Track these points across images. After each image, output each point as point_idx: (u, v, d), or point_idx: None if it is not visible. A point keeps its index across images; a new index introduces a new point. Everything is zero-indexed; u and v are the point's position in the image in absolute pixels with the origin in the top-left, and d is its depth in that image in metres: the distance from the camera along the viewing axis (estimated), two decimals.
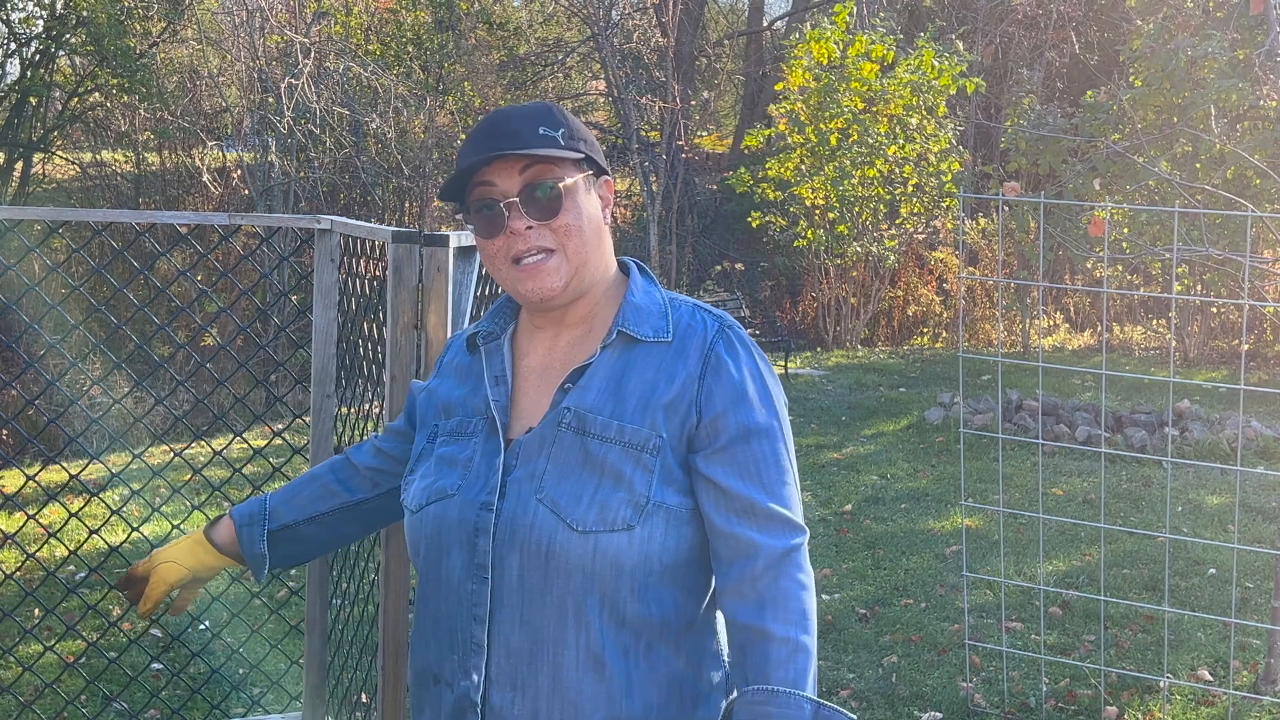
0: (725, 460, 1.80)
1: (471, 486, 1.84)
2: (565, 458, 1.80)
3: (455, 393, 1.97)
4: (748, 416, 1.81)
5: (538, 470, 1.81)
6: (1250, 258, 5.15)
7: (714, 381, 1.82)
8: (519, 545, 1.79)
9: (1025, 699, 4.90)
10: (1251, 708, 4.78)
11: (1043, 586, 5.73)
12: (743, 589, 1.77)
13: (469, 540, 1.82)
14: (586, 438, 1.80)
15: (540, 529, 1.77)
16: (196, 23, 17.74)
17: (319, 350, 3.34)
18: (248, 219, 3.24)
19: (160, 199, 17.66)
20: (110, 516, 4.14)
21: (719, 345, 1.85)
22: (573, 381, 1.85)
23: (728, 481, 1.79)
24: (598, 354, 1.85)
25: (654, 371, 1.83)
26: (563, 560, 1.76)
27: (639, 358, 1.85)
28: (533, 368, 1.92)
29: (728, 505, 1.79)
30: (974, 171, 16.07)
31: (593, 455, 1.79)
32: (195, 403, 6.67)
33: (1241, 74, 9.97)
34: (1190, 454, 8.53)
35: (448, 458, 1.90)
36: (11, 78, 17.27)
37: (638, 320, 1.87)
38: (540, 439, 1.83)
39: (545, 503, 1.78)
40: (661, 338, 1.85)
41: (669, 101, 17.77)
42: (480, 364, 1.95)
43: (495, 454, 1.85)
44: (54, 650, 5.16)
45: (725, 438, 1.80)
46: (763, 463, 1.81)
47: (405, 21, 18.50)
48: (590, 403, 1.82)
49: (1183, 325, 14.08)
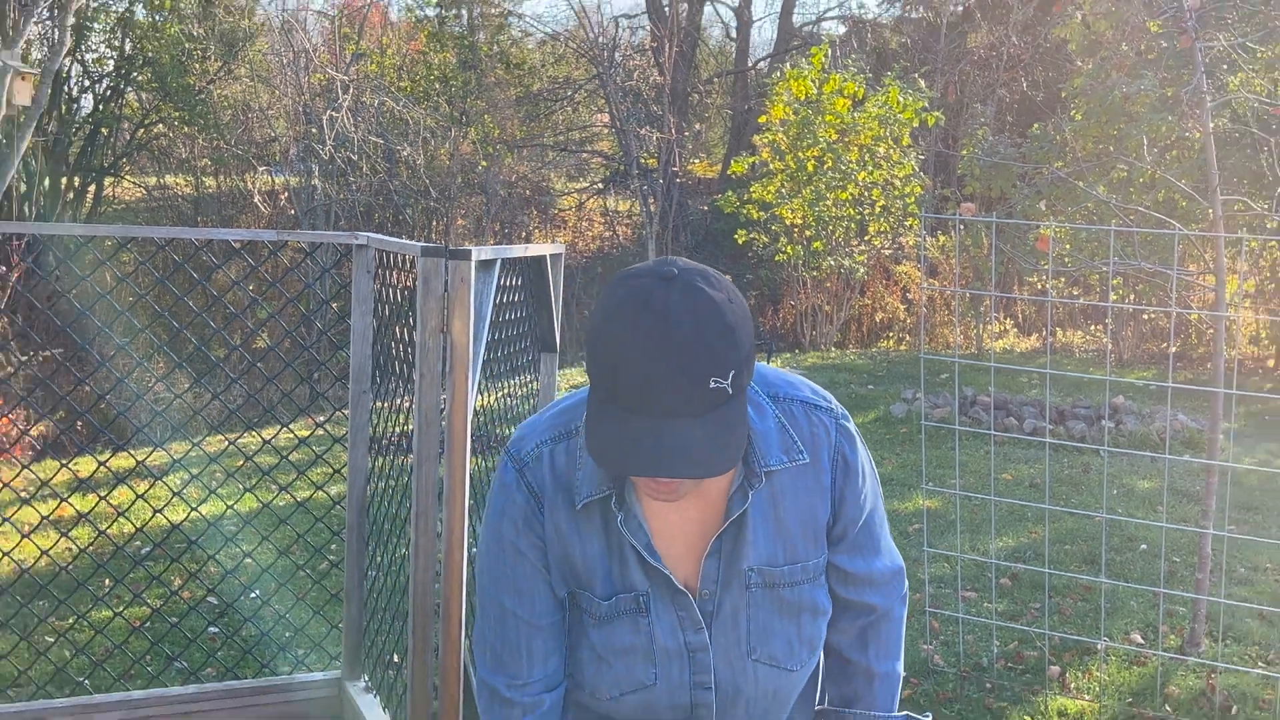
0: (849, 548, 1.72)
1: (670, 673, 1.63)
2: (763, 617, 1.64)
3: (587, 556, 1.62)
4: (865, 503, 1.72)
5: (740, 635, 1.64)
6: (1177, 270, 5.14)
7: (844, 484, 1.67)
8: (744, 702, 1.68)
9: (979, 659, 4.90)
10: (1178, 667, 4.78)
11: (994, 560, 5.73)
12: (854, 634, 1.78)
13: (686, 715, 1.67)
14: (777, 588, 1.64)
15: (764, 684, 1.67)
16: (249, 63, 17.75)
17: (356, 351, 3.34)
18: (293, 236, 3.24)
19: (216, 218, 17.66)
20: (172, 498, 4.15)
21: (844, 448, 1.67)
22: (735, 539, 1.61)
23: (852, 566, 1.73)
24: (747, 500, 1.58)
25: (805, 496, 1.64)
26: (786, 692, 1.72)
27: (784, 487, 1.62)
28: (665, 516, 1.61)
29: (851, 581, 1.74)
30: (934, 194, 16.07)
31: (787, 601, 1.65)
32: (247, 397, 6.67)
33: (1170, 109, 9.96)
34: (1124, 443, 8.53)
35: (619, 646, 1.63)
36: (85, 111, 17.27)
37: (767, 449, 1.60)
38: (732, 607, 1.63)
39: (763, 661, 1.66)
40: (797, 458, 1.62)
41: (665, 132, 17.77)
42: (610, 524, 1.60)
43: (690, 630, 1.63)
44: (122, 616, 5.16)
45: (851, 531, 1.71)
46: (875, 530, 1.75)
47: (433, 62, 18.52)
48: (765, 555, 1.62)
49: (1118, 330, 14.09)
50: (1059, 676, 4.71)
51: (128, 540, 5.67)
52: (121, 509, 4.80)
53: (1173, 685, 4.64)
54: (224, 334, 10.60)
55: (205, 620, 5.23)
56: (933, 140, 17.56)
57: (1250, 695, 4.56)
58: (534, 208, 19.12)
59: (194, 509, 5.18)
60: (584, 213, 20.91)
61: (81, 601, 5.41)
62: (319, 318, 12.96)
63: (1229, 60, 9.19)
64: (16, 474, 4.20)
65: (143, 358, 10.77)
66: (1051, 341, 15.05)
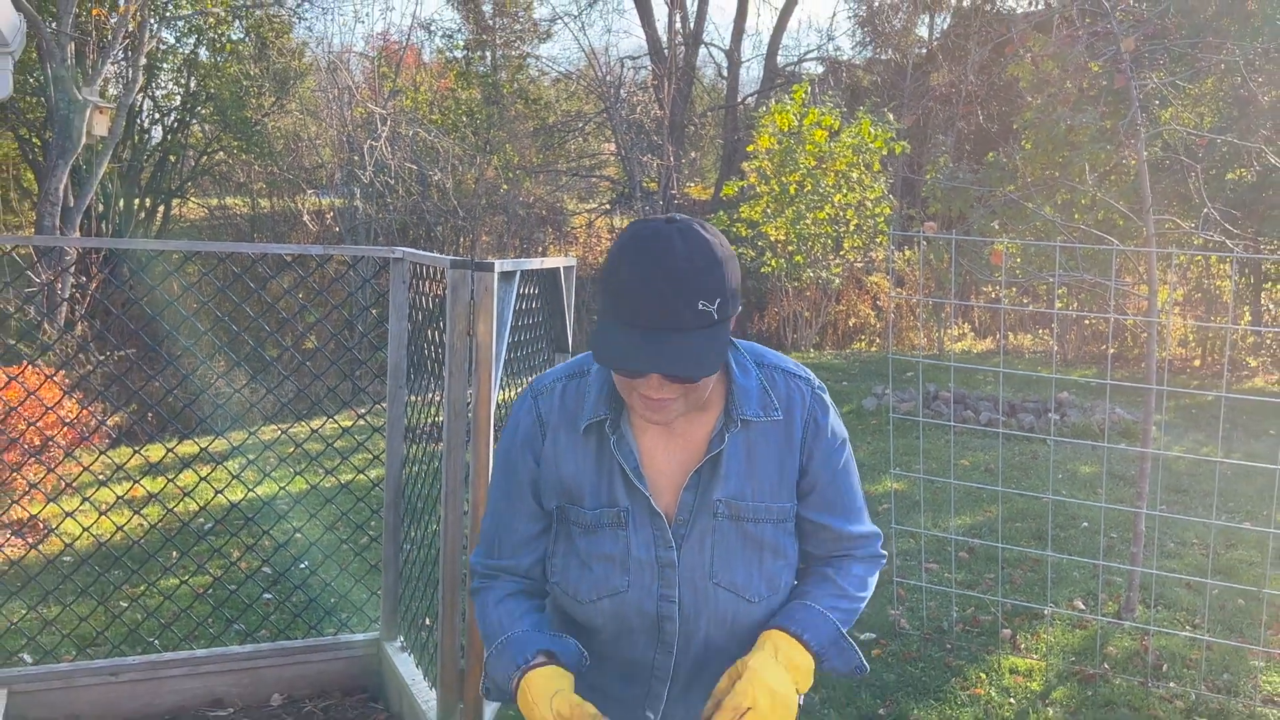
0: (821, 504, 1.73)
1: (641, 581, 1.65)
2: (727, 545, 1.65)
3: (581, 473, 1.68)
4: (834, 463, 1.73)
5: (705, 558, 1.65)
6: (1115, 281, 5.14)
7: (814, 444, 1.70)
8: (704, 623, 1.67)
9: (940, 623, 4.90)
10: (1115, 631, 4.78)
11: (954, 536, 5.73)
12: (830, 564, 1.76)
13: (653, 626, 1.67)
14: (742, 522, 1.65)
15: (723, 608, 1.66)
16: (299, 98, 17.75)
17: (393, 351, 3.34)
18: (338, 250, 3.24)
19: (270, 235, 17.67)
20: (231, 480, 4.16)
21: (816, 411, 1.71)
22: (712, 471, 1.65)
23: (826, 521, 1.73)
24: (724, 440, 1.64)
25: (775, 447, 1.67)
26: (744, 624, 1.68)
27: (758, 437, 1.66)
28: (654, 448, 1.67)
29: (828, 536, 1.74)
30: (901, 214, 16.05)
31: (750, 535, 1.66)
32: (297, 392, 6.67)
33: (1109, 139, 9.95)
34: (1068, 433, 8.52)
35: (600, 554, 1.66)
36: (155, 140, 17.29)
37: (747, 402, 1.66)
38: (700, 531, 1.65)
39: (724, 586, 1.66)
40: (772, 415, 1.67)
41: (664, 160, 17.77)
42: (604, 448, 1.66)
43: (661, 547, 1.65)
44: (187, 584, 5.17)
45: (821, 484, 1.72)
46: (847, 493, 1.75)
47: (461, 97, 18.53)
48: (734, 490, 1.65)
49: (1062, 334, 14.07)
50: (1010, 638, 4.71)
51: (192, 517, 5.67)
52: (187, 490, 4.81)
53: (1111, 646, 4.64)
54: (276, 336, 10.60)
55: (260, 587, 5.24)
56: (900, 166, 17.56)
57: (1179, 655, 4.56)
58: (549, 226, 19.11)
59: (250, 490, 5.19)
60: (593, 230, 20.89)
61: (151, 571, 5.41)
62: (360, 322, 12.95)
63: (1161, 96, 9.18)
64: (95, 459, 4.21)
65: (205, 357, 10.77)
66: (1004, 344, 15.03)
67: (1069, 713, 4.06)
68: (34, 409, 5.48)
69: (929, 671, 4.41)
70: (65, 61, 10.78)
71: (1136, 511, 4.78)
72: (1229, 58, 7.07)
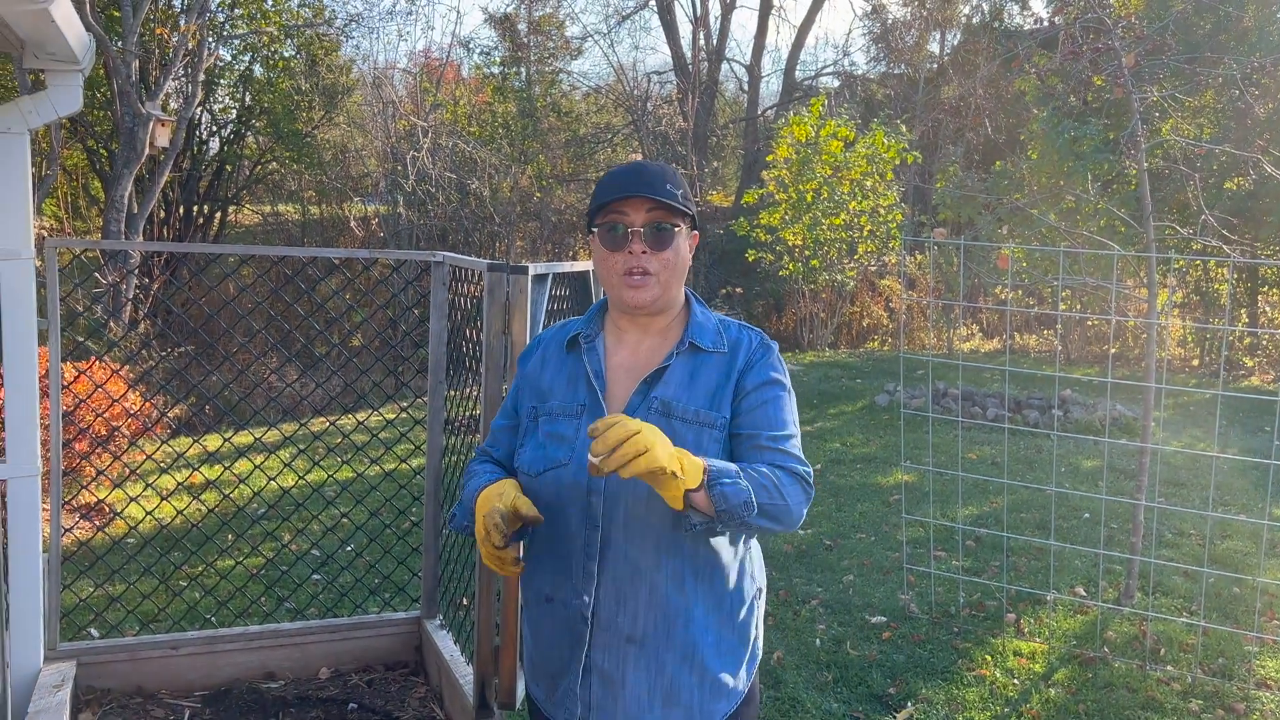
0: (755, 418, 1.79)
1: (579, 458, 1.78)
2: None
3: (556, 381, 1.89)
4: (768, 391, 1.81)
5: None
6: (1116, 285, 5.10)
7: (747, 371, 1.82)
8: (625, 499, 1.75)
9: (947, 608, 4.88)
10: (1114, 616, 4.74)
11: (961, 525, 5.71)
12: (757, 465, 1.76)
13: (583, 498, 1.77)
14: (671, 419, 1.76)
15: (640, 486, 1.73)
16: (346, 112, 17.85)
17: (433, 349, 3.36)
18: (383, 254, 3.26)
19: (319, 239, 17.78)
20: (283, 468, 4.19)
21: (758, 350, 1.85)
22: (656, 377, 1.81)
23: (759, 430, 1.77)
24: (673, 358, 1.82)
25: (716, 373, 1.81)
26: (658, 509, 1.74)
27: (704, 363, 1.82)
28: (620, 364, 1.87)
29: (762, 445, 1.76)
30: (913, 220, 15.96)
31: (676, 432, 1.76)
32: (344, 386, 6.72)
33: (1111, 150, 9.87)
34: (1071, 429, 8.46)
35: (555, 434, 1.82)
36: (213, 151, 17.41)
37: (701, 334, 1.85)
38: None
39: None
40: (720, 349, 1.84)
41: (688, 169, 17.75)
42: (577, 359, 1.88)
43: None
44: (242, 564, 5.22)
45: (754, 400, 1.79)
46: (781, 416, 1.80)
47: (498, 111, 18.56)
48: (671, 394, 1.79)
49: (1066, 334, 13.95)
50: (1015, 623, 4.68)
51: (247, 502, 5.72)
52: (242, 477, 4.86)
53: (1111, 631, 4.61)
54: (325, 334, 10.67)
55: (310, 569, 5.28)
56: (912, 175, 17.46)
57: (1176, 640, 4.52)
58: (580, 231, 19.13)
59: (301, 477, 5.23)
60: None
61: (209, 552, 5.47)
62: (403, 321, 13.02)
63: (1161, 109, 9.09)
64: (157, 448, 4.25)
65: (259, 353, 10.87)
66: (1010, 343, 14.93)
67: (1070, 693, 4.03)
68: (101, 401, 5.56)
69: (937, 653, 4.39)
70: (130, 78, 10.90)
71: (1136, 503, 4.74)
72: (1226, 71, 6.99)
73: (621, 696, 1.79)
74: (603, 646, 1.79)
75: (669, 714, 1.79)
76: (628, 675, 1.79)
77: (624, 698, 1.79)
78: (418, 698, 3.18)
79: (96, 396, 5.67)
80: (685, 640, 1.78)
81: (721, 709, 1.83)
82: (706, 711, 1.81)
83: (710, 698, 1.81)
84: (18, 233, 2.65)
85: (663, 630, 1.77)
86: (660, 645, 1.78)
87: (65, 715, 2.57)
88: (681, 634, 1.78)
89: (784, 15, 55.02)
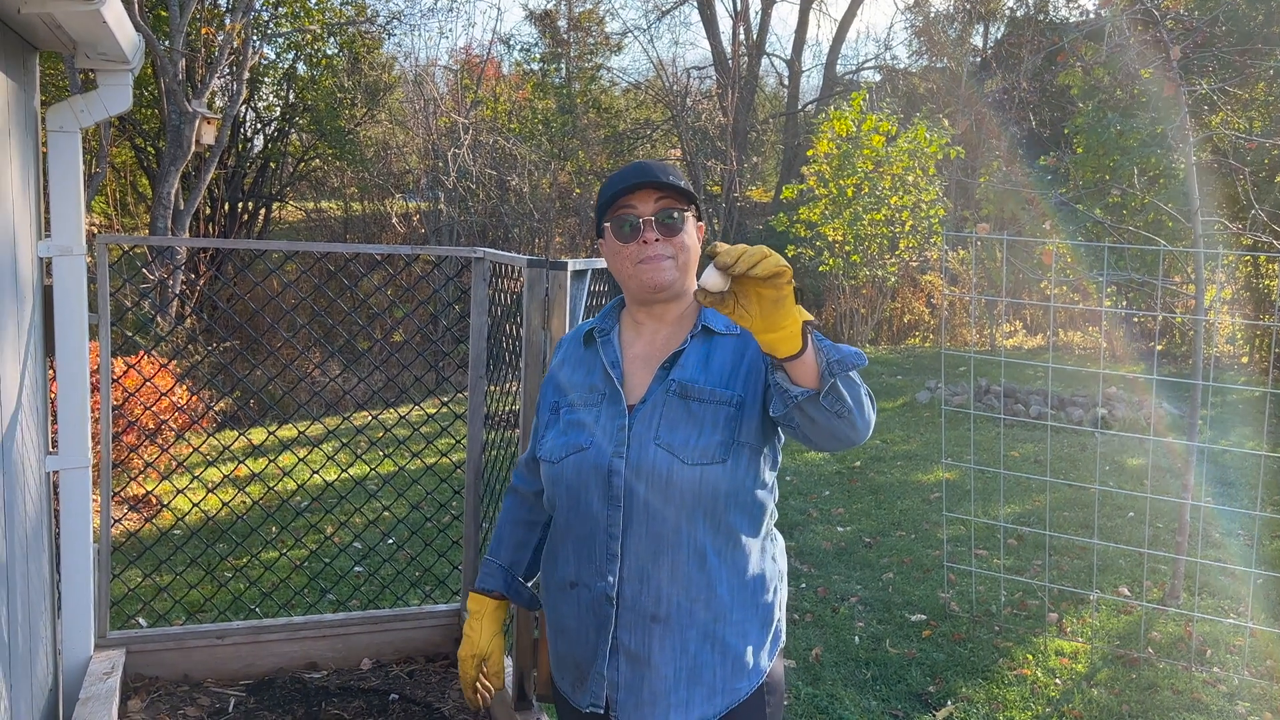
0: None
1: (602, 441, 1.84)
2: (673, 415, 1.81)
3: (574, 376, 1.96)
4: None
5: (653, 425, 1.82)
6: (1162, 281, 5.03)
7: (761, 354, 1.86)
8: (645, 478, 1.79)
9: (988, 607, 4.84)
10: (1159, 616, 4.68)
11: (1003, 523, 5.65)
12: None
13: (604, 479, 1.82)
14: (688, 400, 1.82)
15: (660, 464, 1.78)
16: (388, 109, 17.99)
17: (474, 344, 3.39)
18: (424, 250, 3.29)
19: (362, 235, 17.94)
20: (326, 461, 4.24)
21: None
22: (673, 362, 1.86)
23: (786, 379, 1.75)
24: (689, 342, 1.87)
25: (731, 354, 1.86)
26: (677, 486, 1.78)
27: (718, 345, 1.87)
28: (637, 355, 1.92)
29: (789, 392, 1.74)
30: (955, 216, 15.80)
31: (694, 412, 1.81)
32: (386, 381, 6.78)
33: (1158, 144, 9.71)
34: (1116, 427, 8.34)
35: (576, 422, 1.89)
36: (257, 148, 17.62)
37: (714, 319, 1.89)
38: (653, 404, 1.84)
39: (662, 446, 1.79)
40: (733, 331, 1.88)
41: (728, 165, 17.70)
42: (595, 353, 1.95)
43: (619, 416, 1.85)
44: (286, 556, 5.30)
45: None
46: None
47: (537, 107, 18.62)
48: (688, 376, 1.84)
49: (1111, 331, 13.75)
50: (1057, 622, 4.63)
51: (291, 495, 5.80)
52: (286, 470, 4.92)
53: (1155, 631, 4.55)
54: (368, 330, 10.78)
55: (352, 561, 5.35)
56: (954, 170, 17.29)
57: (1222, 640, 4.45)
58: None
59: (344, 470, 5.29)
60: None
61: (254, 544, 5.56)
62: (444, 317, 13.12)
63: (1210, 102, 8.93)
64: (203, 441, 4.32)
65: (303, 348, 11.00)
66: (1054, 340, 14.75)
67: (1113, 694, 3.99)
68: (149, 395, 5.65)
69: (977, 652, 4.36)
70: (177, 76, 11.07)
71: (1182, 502, 4.67)
72: (1278, 64, 6.86)
73: (648, 676, 1.82)
74: (628, 626, 1.83)
75: (693, 693, 1.82)
76: (654, 654, 1.82)
77: (650, 677, 1.82)
78: (458, 689, 3.21)
79: (145, 390, 5.77)
80: (707, 618, 1.81)
81: (743, 688, 1.85)
82: (728, 690, 1.84)
83: (732, 676, 1.84)
84: (71, 229, 2.70)
85: (685, 608, 1.80)
86: (684, 623, 1.81)
87: (115, 702, 2.63)
88: (704, 612, 1.81)
89: (825, 9, 54.53)
